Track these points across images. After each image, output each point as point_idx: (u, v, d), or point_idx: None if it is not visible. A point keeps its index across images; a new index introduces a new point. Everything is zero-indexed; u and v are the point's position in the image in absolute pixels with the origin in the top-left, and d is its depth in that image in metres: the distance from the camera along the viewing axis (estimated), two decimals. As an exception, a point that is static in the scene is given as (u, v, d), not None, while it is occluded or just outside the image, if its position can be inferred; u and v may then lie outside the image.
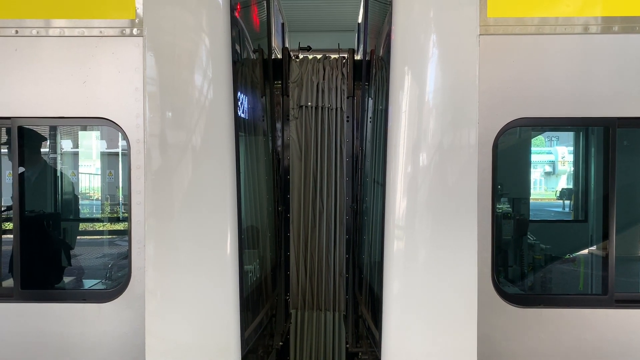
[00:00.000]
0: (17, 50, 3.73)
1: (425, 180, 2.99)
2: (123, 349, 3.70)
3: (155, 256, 3.02)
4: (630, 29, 3.71)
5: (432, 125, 3.01)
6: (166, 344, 3.05)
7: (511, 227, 5.45)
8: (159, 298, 3.04)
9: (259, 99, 4.40)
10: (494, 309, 3.67)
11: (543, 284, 5.63)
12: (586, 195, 5.91)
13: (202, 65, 3.09)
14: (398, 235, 3.00)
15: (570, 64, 3.73)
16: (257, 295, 3.90)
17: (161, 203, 3.03)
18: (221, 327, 3.06)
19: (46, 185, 5.35)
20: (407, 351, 2.98)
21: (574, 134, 6.43)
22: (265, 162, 4.49)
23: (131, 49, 3.69)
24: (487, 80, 3.65)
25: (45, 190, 5.34)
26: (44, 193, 5.30)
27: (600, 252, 4.06)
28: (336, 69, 4.95)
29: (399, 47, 3.08)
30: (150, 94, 3.02)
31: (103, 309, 3.72)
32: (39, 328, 3.76)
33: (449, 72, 3.03)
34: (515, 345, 3.72)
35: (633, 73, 3.72)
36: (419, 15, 3.09)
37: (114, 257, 6.71)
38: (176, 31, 3.09)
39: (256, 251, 4.02)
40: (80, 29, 3.72)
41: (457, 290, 2.95)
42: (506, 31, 3.71)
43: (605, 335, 3.74)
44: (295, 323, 5.06)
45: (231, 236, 3.05)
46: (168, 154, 3.03)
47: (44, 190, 5.30)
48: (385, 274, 3.01)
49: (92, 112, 3.73)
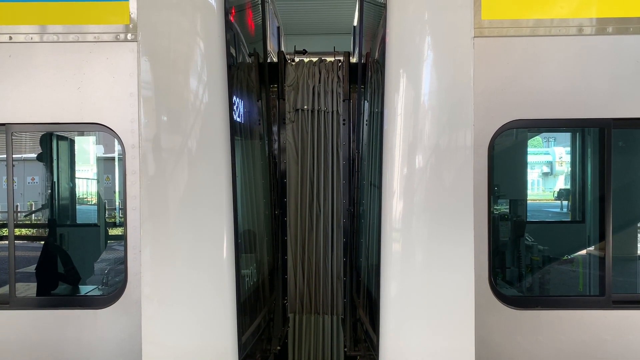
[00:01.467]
0: (12, 57, 3.72)
1: (422, 182, 2.99)
2: (120, 355, 3.68)
3: (152, 261, 3.00)
4: (625, 29, 3.71)
5: (428, 127, 3.00)
6: (163, 350, 3.03)
7: (508, 229, 5.44)
8: (156, 303, 3.02)
9: (255, 102, 4.40)
10: (491, 311, 3.66)
11: (540, 286, 5.62)
12: (583, 196, 5.92)
13: (197, 70, 3.08)
14: (395, 238, 2.99)
15: (565, 65, 3.74)
16: (254, 299, 3.89)
17: (157, 208, 3.02)
18: (218, 331, 3.04)
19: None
20: (404, 354, 2.97)
21: (570, 134, 6.44)
22: (261, 166, 4.47)
23: (126, 54, 3.68)
24: (483, 82, 3.65)
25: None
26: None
27: (597, 253, 4.06)
28: (332, 72, 4.95)
29: (394, 49, 3.08)
30: (145, 99, 3.01)
31: (99, 315, 3.70)
32: (35, 335, 3.74)
33: (444, 75, 3.03)
34: (513, 348, 3.72)
35: (628, 74, 3.72)
36: (414, 17, 3.09)
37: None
38: (171, 35, 3.08)
39: (253, 255, 4.00)
40: (74, 34, 3.71)
41: (454, 293, 2.94)
42: (501, 33, 3.71)
43: (603, 336, 3.73)
44: (293, 327, 5.04)
45: (227, 240, 3.03)
46: (163, 159, 3.01)
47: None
48: (382, 277, 3.00)
49: (87, 118, 3.72)
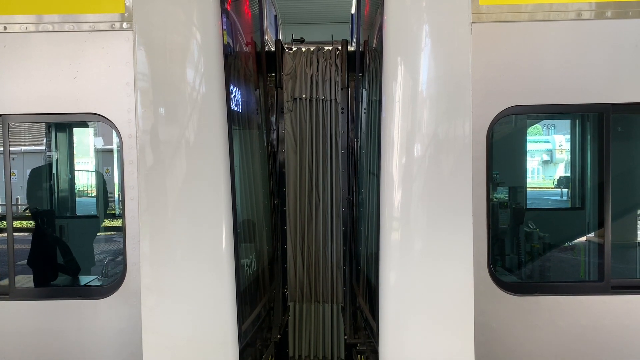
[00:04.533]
0: (7, 47, 3.70)
1: (420, 170, 2.98)
2: (120, 345, 3.70)
3: (151, 252, 3.01)
4: (624, 14, 3.68)
5: (426, 115, 2.99)
6: (163, 339, 3.04)
7: (507, 216, 5.44)
8: (156, 294, 3.03)
9: (253, 92, 4.38)
10: (491, 297, 3.68)
11: (540, 272, 5.64)
12: (583, 183, 5.91)
13: (193, 60, 3.06)
14: (394, 226, 2.99)
15: (563, 50, 3.71)
16: (254, 288, 3.90)
17: (155, 199, 3.01)
18: (218, 321, 3.05)
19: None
20: (404, 342, 2.98)
21: (570, 121, 6.42)
22: (260, 156, 4.47)
23: (121, 43, 3.66)
24: (481, 69, 3.63)
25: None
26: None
27: (597, 239, 4.07)
28: (330, 61, 4.92)
29: (392, 37, 3.06)
30: (141, 90, 2.99)
31: (99, 305, 3.72)
32: (35, 326, 3.75)
33: (442, 62, 3.00)
34: (512, 334, 3.73)
35: (627, 58, 3.70)
36: (411, 4, 3.06)
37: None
38: (167, 25, 3.05)
39: (253, 245, 4.01)
40: (70, 24, 3.69)
41: (453, 280, 2.95)
42: (499, 18, 3.68)
43: (602, 321, 3.75)
44: (294, 316, 5.07)
45: (226, 230, 3.03)
46: (161, 150, 3.00)
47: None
48: (381, 265, 3.01)
49: (83, 108, 3.70)
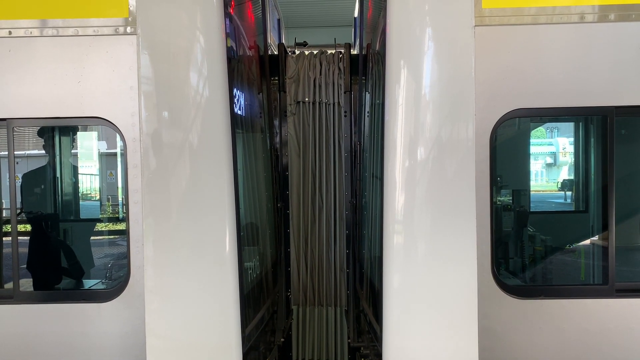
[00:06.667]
0: (11, 51, 3.72)
1: (423, 173, 2.98)
2: (124, 348, 3.70)
3: (155, 255, 3.01)
4: (627, 16, 3.68)
5: (429, 118, 2.99)
6: (167, 343, 3.04)
7: (511, 219, 5.43)
8: (159, 297, 3.03)
9: (256, 95, 4.39)
10: (494, 301, 3.66)
11: (544, 275, 5.62)
12: (586, 186, 5.89)
13: (197, 63, 3.07)
14: (397, 230, 2.99)
15: (567, 53, 3.71)
16: (257, 292, 3.90)
17: (159, 202, 3.02)
18: (222, 324, 3.05)
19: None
20: (408, 345, 2.97)
21: (573, 124, 6.40)
22: (263, 159, 4.47)
23: (125, 48, 3.67)
24: (484, 72, 3.63)
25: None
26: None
27: (601, 242, 4.05)
28: (333, 64, 4.93)
29: (394, 40, 3.06)
30: (145, 93, 3.01)
31: (103, 308, 3.72)
32: (39, 329, 3.76)
33: (445, 65, 3.01)
34: (516, 337, 3.72)
35: (630, 61, 3.69)
36: (414, 8, 3.07)
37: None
38: (170, 29, 3.06)
39: (256, 248, 4.01)
40: (74, 28, 3.70)
41: (457, 283, 2.94)
42: (502, 22, 3.68)
43: (607, 324, 3.73)
44: (297, 319, 5.06)
45: (230, 233, 3.03)
46: (165, 153, 3.01)
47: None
48: (385, 269, 3.00)
49: (88, 112, 3.72)
